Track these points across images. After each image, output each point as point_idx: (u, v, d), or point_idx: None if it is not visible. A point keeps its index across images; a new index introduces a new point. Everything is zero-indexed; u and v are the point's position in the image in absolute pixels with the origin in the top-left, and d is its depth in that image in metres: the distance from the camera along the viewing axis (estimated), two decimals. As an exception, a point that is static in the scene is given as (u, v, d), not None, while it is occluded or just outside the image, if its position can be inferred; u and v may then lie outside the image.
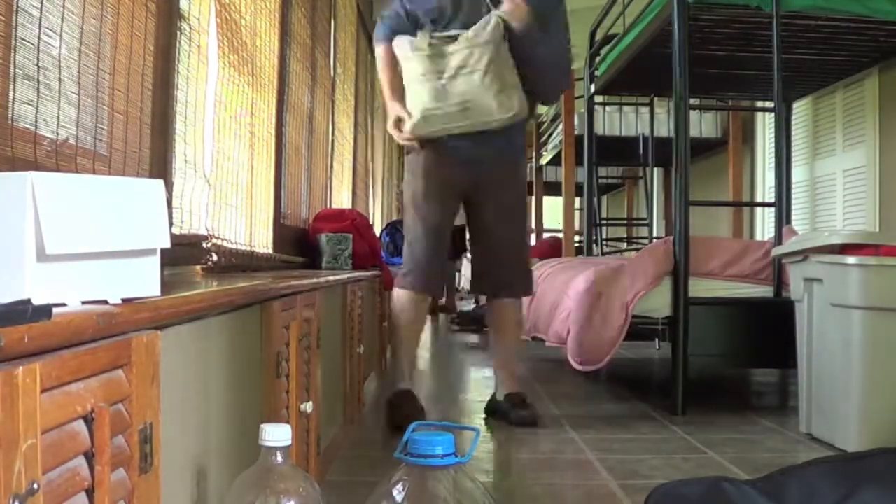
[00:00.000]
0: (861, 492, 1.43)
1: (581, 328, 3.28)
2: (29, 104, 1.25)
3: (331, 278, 2.30)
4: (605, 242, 6.22)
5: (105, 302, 0.73)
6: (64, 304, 0.67)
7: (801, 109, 5.00)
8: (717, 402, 3.38)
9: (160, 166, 1.85)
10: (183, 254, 1.91)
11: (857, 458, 1.57)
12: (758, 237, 5.54)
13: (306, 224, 3.61)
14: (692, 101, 3.83)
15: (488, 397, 3.00)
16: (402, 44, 2.72)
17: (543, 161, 8.19)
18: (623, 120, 6.40)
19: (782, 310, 2.89)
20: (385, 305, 4.24)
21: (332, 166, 4.55)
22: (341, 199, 5.03)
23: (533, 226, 9.20)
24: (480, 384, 3.87)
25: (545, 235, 9.43)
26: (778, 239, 3.13)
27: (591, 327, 3.18)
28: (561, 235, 6.86)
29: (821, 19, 3.26)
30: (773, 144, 4.86)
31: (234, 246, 2.43)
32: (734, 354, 3.24)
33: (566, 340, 3.51)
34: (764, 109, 5.35)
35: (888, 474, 1.47)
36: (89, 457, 0.66)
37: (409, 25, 2.74)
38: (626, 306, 3.05)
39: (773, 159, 3.57)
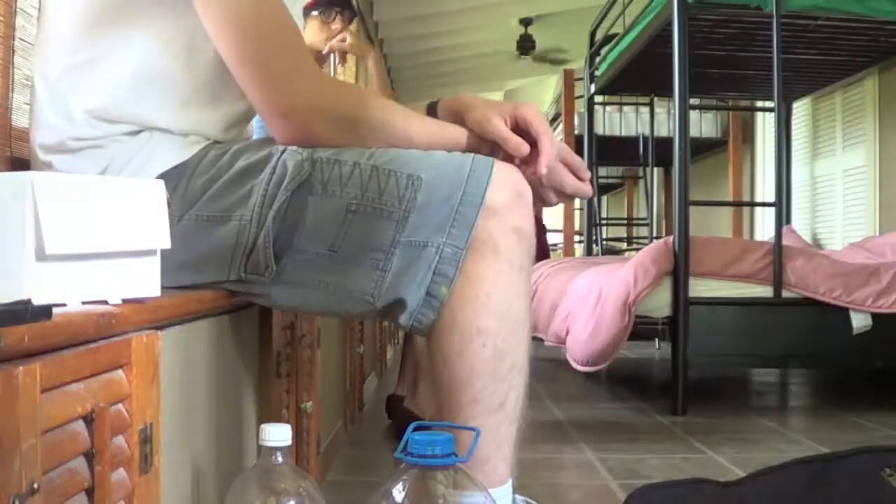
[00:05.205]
0: (839, 492, 1.42)
1: (582, 329, 3.28)
2: (29, 105, 1.25)
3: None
4: (604, 242, 6.22)
5: (105, 302, 0.73)
6: (64, 304, 0.67)
7: (801, 109, 5.00)
8: (717, 402, 3.38)
9: (160, 166, 1.84)
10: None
11: (839, 458, 1.56)
12: (758, 237, 5.54)
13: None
14: (692, 101, 3.83)
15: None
16: None
17: (543, 161, 8.17)
18: (623, 120, 6.39)
19: (782, 310, 2.88)
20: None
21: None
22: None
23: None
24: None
25: None
26: (778, 239, 3.13)
27: (593, 328, 3.18)
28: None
29: (821, 19, 3.26)
30: (773, 144, 4.86)
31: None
32: (734, 354, 3.24)
33: (565, 340, 3.51)
34: (764, 109, 5.35)
35: (869, 474, 1.46)
36: (89, 457, 0.66)
37: None
38: (629, 307, 3.05)
39: (774, 159, 3.57)
